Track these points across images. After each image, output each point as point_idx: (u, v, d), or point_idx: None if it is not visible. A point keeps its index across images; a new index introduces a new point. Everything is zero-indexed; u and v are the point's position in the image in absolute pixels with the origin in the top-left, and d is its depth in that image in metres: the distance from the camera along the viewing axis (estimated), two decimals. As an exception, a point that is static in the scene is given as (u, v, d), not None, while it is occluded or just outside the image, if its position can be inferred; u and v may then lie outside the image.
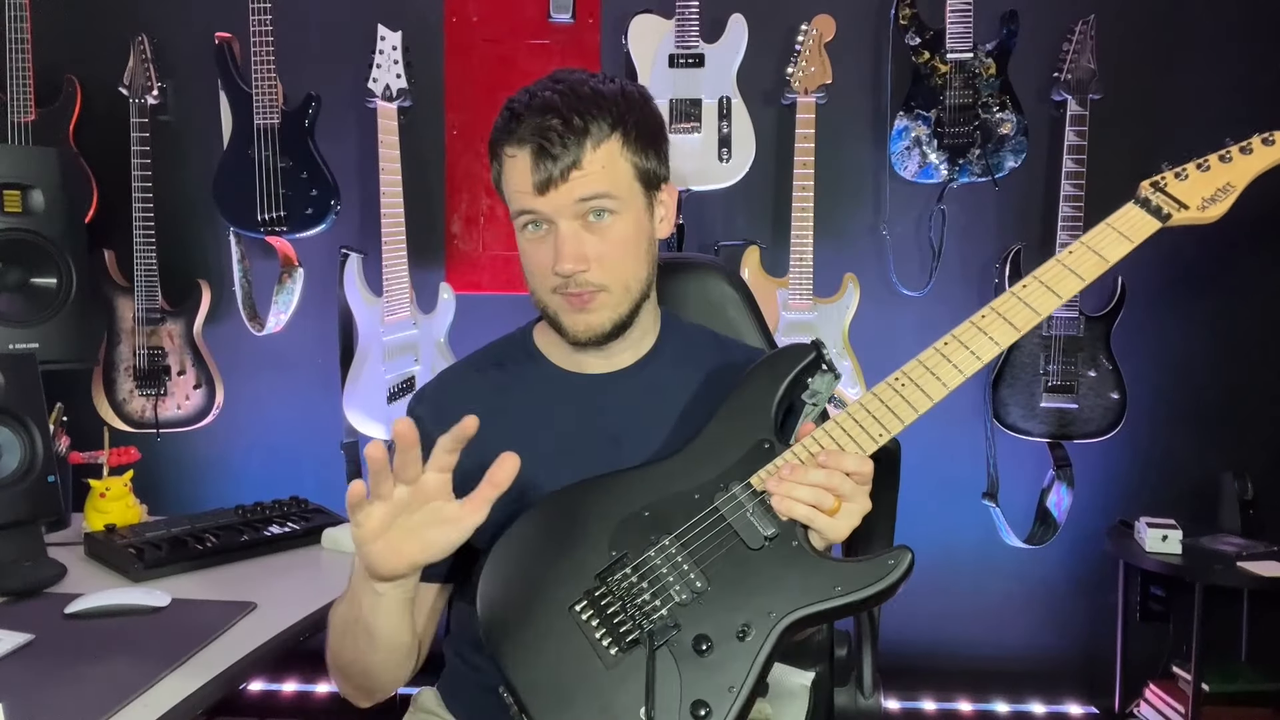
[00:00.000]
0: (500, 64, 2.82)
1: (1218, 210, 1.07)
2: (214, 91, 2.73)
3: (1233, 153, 1.08)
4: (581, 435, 1.20)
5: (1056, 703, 2.83)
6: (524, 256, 1.19)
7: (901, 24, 2.64)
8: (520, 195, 1.14)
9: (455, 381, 1.30)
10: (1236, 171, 1.08)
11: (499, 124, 1.17)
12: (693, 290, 1.48)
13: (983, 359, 1.03)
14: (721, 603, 1.00)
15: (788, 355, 1.13)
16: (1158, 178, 1.09)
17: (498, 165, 1.18)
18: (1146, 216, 1.07)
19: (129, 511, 1.84)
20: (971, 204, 2.72)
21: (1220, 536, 2.59)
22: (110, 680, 1.20)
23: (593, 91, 1.14)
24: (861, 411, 1.05)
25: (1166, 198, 1.07)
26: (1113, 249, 1.06)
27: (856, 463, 1.01)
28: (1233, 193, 1.07)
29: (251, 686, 2.87)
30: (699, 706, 0.96)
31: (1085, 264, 1.06)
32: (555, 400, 1.23)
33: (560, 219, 1.13)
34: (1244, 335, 2.76)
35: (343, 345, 2.73)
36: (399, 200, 2.64)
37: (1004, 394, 2.66)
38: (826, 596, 0.99)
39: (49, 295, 1.97)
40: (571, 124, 1.11)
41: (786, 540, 1.02)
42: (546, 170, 1.11)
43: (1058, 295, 1.05)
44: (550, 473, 1.15)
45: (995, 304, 1.06)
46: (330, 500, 1.97)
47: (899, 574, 0.99)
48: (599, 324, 1.18)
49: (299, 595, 1.51)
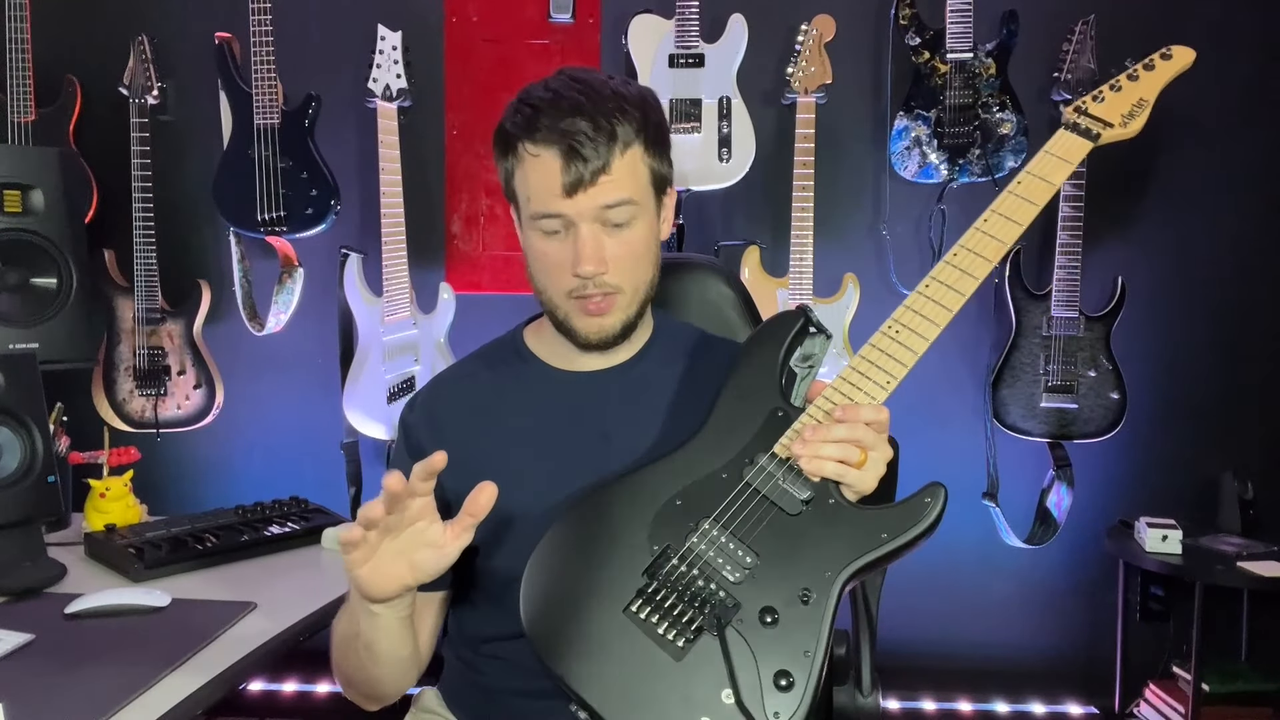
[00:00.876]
0: (500, 64, 2.82)
1: (1136, 125, 1.17)
2: (214, 91, 2.73)
3: (1138, 71, 1.19)
4: (572, 433, 1.21)
5: (1056, 703, 2.83)
6: (537, 256, 1.17)
7: (901, 24, 2.64)
8: (545, 196, 1.13)
9: (446, 388, 1.30)
10: (1145, 86, 1.18)
11: (516, 119, 1.14)
12: (691, 290, 1.47)
13: (964, 293, 1.11)
14: (776, 572, 1.01)
15: (779, 323, 1.16)
16: (1078, 102, 1.18)
17: (512, 160, 1.16)
18: (1077, 139, 1.17)
19: (129, 511, 1.84)
20: (971, 204, 2.72)
21: (1220, 536, 2.59)
22: (110, 680, 1.20)
23: (615, 94, 1.13)
24: (864, 363, 1.08)
25: (1091, 119, 1.17)
26: (1055, 172, 1.15)
27: (873, 412, 1.04)
28: (1146, 106, 1.17)
29: (251, 686, 2.88)
30: (781, 676, 0.96)
31: (1035, 190, 1.14)
32: (546, 399, 1.24)
33: (582, 221, 1.12)
34: (1244, 335, 2.76)
35: (343, 345, 2.73)
36: (399, 200, 2.64)
37: (1004, 394, 2.66)
38: (876, 545, 1.00)
39: (49, 295, 1.96)
40: (601, 126, 1.10)
41: (823, 500, 1.03)
42: (577, 172, 1.10)
43: (1018, 223, 1.13)
44: (542, 471, 1.16)
45: (963, 241, 1.13)
46: (330, 500, 1.97)
47: (938, 509, 1.01)
48: (610, 327, 1.18)
49: (299, 595, 1.51)
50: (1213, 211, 2.74)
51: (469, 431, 1.22)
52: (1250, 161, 2.72)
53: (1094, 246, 2.66)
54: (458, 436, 1.20)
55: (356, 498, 2.76)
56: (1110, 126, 1.16)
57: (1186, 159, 2.71)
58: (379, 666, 1.14)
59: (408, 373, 2.68)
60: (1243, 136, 2.72)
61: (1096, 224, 2.63)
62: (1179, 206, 2.73)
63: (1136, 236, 2.74)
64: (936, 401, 2.74)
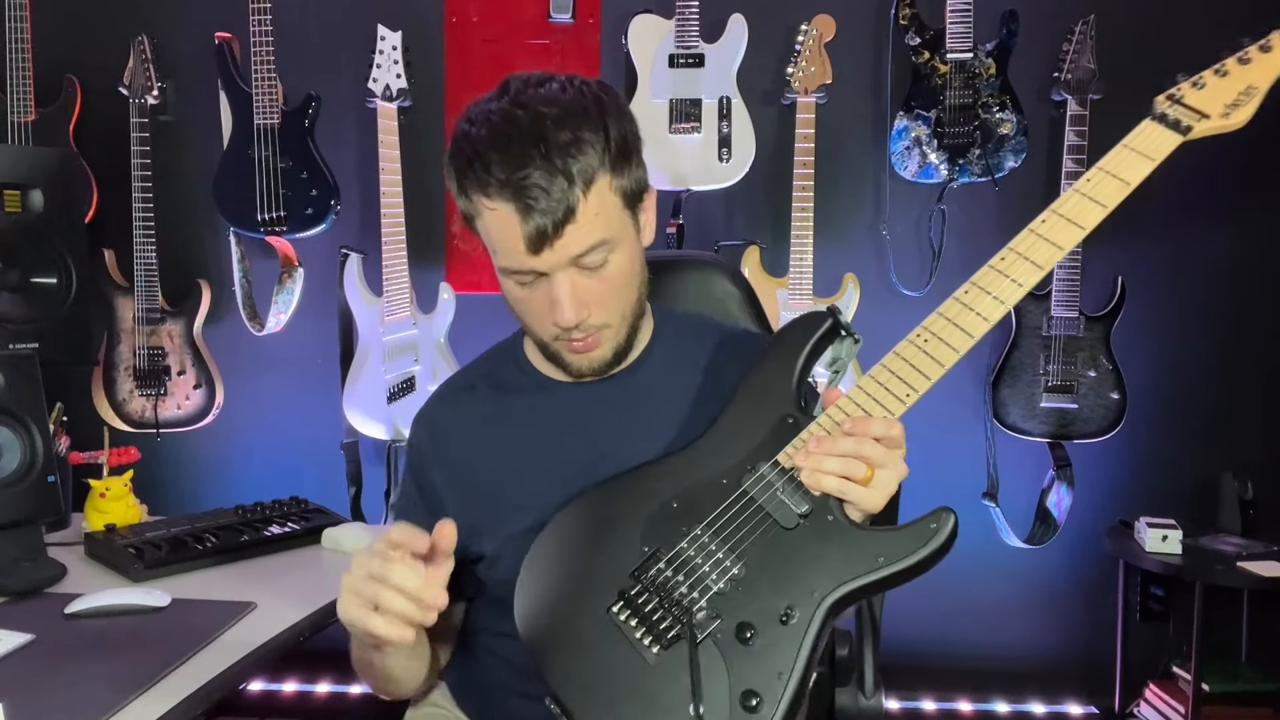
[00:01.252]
0: (500, 64, 2.82)
1: (1241, 116, 1.00)
2: (214, 91, 2.73)
3: (1251, 53, 1.02)
4: (568, 447, 1.17)
5: (1056, 703, 2.83)
6: (515, 301, 1.10)
7: (901, 24, 2.64)
8: (509, 253, 1.04)
9: (448, 402, 1.27)
10: (1257, 72, 1.01)
11: (460, 164, 1.04)
12: (694, 288, 1.46)
13: (1007, 303, 0.99)
14: (761, 588, 0.96)
15: (803, 325, 1.08)
16: (1173, 90, 1.02)
17: (467, 203, 1.06)
18: (1165, 131, 1.01)
19: (129, 511, 1.84)
20: (971, 204, 2.72)
21: (1220, 536, 2.59)
22: (110, 680, 1.20)
23: (566, 117, 1.01)
24: (885, 373, 1.00)
25: (1185, 109, 1.01)
26: (1133, 170, 1.00)
27: (885, 427, 0.97)
28: (1256, 95, 1.00)
29: (251, 686, 2.87)
30: (749, 696, 0.92)
31: (1105, 190, 1.00)
32: (544, 413, 1.20)
33: (555, 271, 1.04)
34: (1244, 335, 2.76)
35: (343, 345, 2.73)
36: (399, 200, 2.64)
37: (1004, 394, 2.66)
38: (871, 569, 0.95)
39: (49, 295, 1.96)
40: (555, 170, 0.99)
41: (821, 515, 0.98)
42: (539, 228, 1.00)
43: (1080, 227, 0.99)
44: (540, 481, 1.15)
45: (1013, 244, 1.01)
46: (330, 500, 1.97)
47: (943, 538, 0.95)
48: (601, 359, 1.13)
49: (299, 595, 1.51)
50: (1213, 211, 2.74)
51: (469, 448, 1.21)
52: (1250, 160, 2.72)
53: (1094, 246, 2.65)
54: (459, 454, 1.20)
55: (356, 498, 2.77)
56: (1206, 118, 1.01)
57: (1187, 158, 2.71)
58: (395, 682, 1.18)
59: (408, 373, 2.68)
60: (1242, 135, 2.71)
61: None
62: (1179, 206, 2.73)
63: (1136, 236, 2.74)
64: (936, 401, 2.73)
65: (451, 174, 1.07)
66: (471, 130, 1.03)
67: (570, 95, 1.04)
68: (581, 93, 1.04)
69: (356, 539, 1.77)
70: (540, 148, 0.99)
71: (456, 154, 1.05)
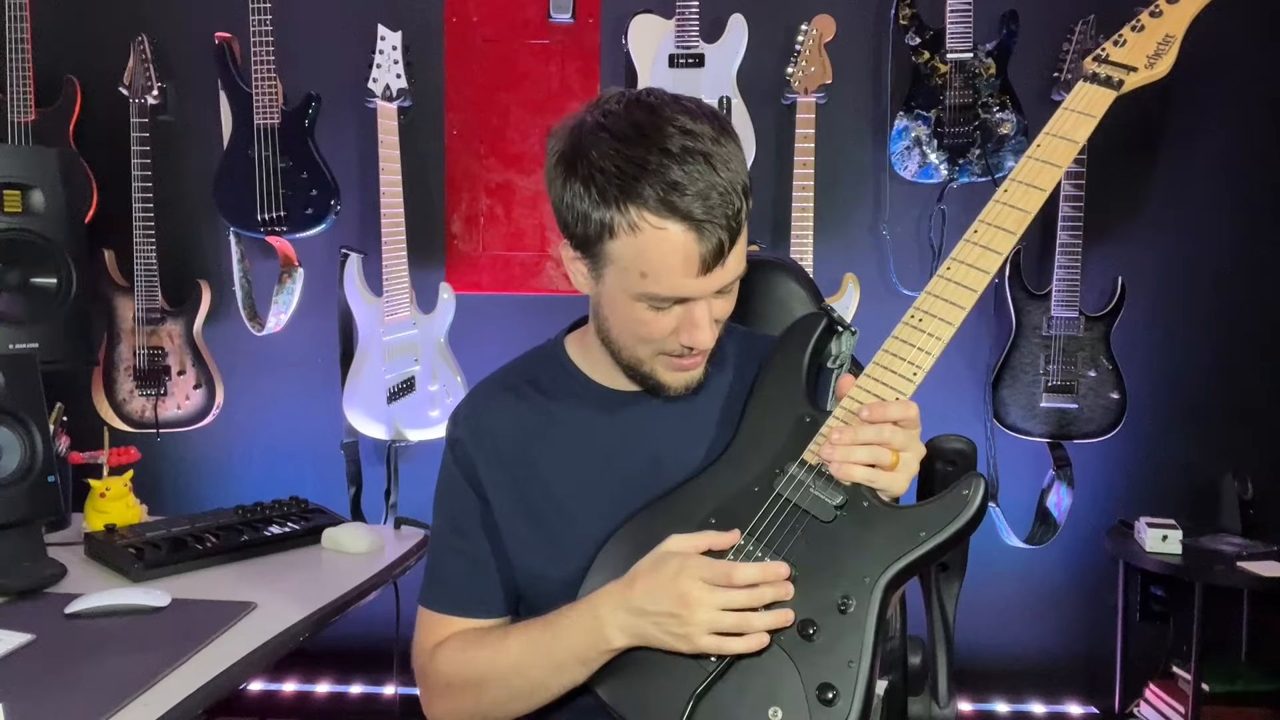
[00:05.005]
0: (500, 64, 2.81)
1: (1164, 65, 1.08)
2: (214, 91, 2.73)
3: (1161, 5, 1.10)
4: (625, 455, 1.16)
5: (1056, 703, 2.83)
6: (634, 322, 1.07)
7: (901, 24, 2.64)
8: (667, 277, 1.00)
9: (490, 401, 1.22)
10: (1170, 22, 1.10)
11: (636, 178, 0.98)
12: (758, 288, 1.38)
13: (989, 271, 1.04)
14: (813, 583, 0.98)
15: (800, 327, 1.13)
16: (1098, 50, 1.11)
17: (614, 217, 1.00)
18: (1099, 89, 1.09)
19: (129, 511, 1.84)
20: (971, 204, 2.71)
21: (1220, 536, 2.58)
22: (110, 680, 1.20)
23: (729, 144, 1.01)
24: (887, 356, 1.04)
25: (1112, 66, 1.09)
26: (1078, 129, 1.07)
27: (901, 409, 1.00)
28: (1173, 43, 1.08)
29: (251, 686, 2.87)
30: (825, 690, 0.94)
31: (1056, 151, 1.07)
32: (596, 420, 1.18)
33: (702, 297, 1.04)
34: (1244, 336, 2.76)
35: (343, 345, 2.73)
36: (399, 200, 2.64)
37: (1004, 394, 2.66)
38: (915, 544, 0.97)
39: (49, 295, 1.96)
40: (733, 199, 0.99)
41: (857, 503, 1.00)
42: (713, 255, 1.00)
43: (1040, 189, 1.05)
44: (596, 495, 1.13)
45: (982, 216, 1.07)
46: (330, 500, 1.97)
47: (977, 502, 0.97)
48: (699, 377, 1.14)
49: (299, 595, 1.51)
50: (1213, 211, 2.74)
51: (519, 452, 1.17)
52: (1250, 161, 2.72)
53: (1094, 246, 2.66)
54: (510, 455, 1.17)
55: (356, 498, 2.77)
56: (1134, 71, 1.08)
57: (1187, 158, 2.71)
58: (515, 702, 1.13)
59: (408, 373, 2.68)
60: (1242, 136, 2.72)
61: (1096, 224, 2.63)
62: (1179, 206, 2.73)
63: (1136, 236, 2.74)
64: (936, 401, 2.73)
65: (599, 184, 1.00)
66: (667, 155, 0.98)
67: (707, 110, 1.04)
68: (714, 114, 1.05)
69: (356, 539, 1.78)
70: (721, 175, 0.99)
71: (636, 174, 0.98)
